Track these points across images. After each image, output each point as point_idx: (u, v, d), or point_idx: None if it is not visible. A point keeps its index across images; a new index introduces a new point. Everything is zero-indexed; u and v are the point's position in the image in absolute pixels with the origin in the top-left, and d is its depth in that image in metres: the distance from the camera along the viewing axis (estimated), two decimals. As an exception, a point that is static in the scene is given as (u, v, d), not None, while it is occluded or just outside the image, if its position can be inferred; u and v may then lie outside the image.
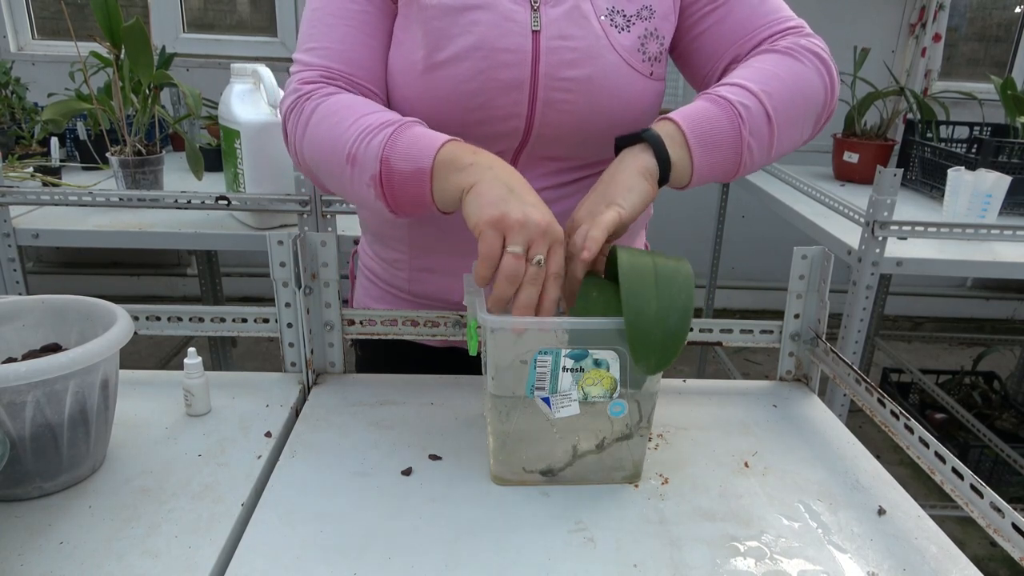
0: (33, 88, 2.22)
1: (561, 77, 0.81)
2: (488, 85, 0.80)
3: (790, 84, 0.80)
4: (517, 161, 0.86)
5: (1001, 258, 1.52)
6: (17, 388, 0.62)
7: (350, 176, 0.77)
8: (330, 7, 0.83)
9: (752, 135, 0.78)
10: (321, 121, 0.79)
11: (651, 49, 0.84)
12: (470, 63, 0.79)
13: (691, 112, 0.78)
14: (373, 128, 0.75)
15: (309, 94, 0.81)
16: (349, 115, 0.77)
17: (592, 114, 0.83)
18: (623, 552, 0.64)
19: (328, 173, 0.81)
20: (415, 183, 0.73)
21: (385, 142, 0.74)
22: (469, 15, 0.79)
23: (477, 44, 0.79)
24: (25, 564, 0.60)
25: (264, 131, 1.47)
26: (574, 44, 0.80)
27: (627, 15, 0.83)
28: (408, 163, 0.73)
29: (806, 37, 0.84)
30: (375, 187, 0.75)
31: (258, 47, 3.19)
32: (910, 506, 0.73)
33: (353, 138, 0.75)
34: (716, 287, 2.69)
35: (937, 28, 3.08)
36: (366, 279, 1.03)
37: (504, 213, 0.67)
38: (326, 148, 0.79)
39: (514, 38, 0.79)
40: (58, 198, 1.41)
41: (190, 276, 3.44)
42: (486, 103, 0.81)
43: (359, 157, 0.75)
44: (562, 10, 0.81)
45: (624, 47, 0.82)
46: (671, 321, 0.64)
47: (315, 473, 0.73)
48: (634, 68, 0.83)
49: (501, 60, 0.79)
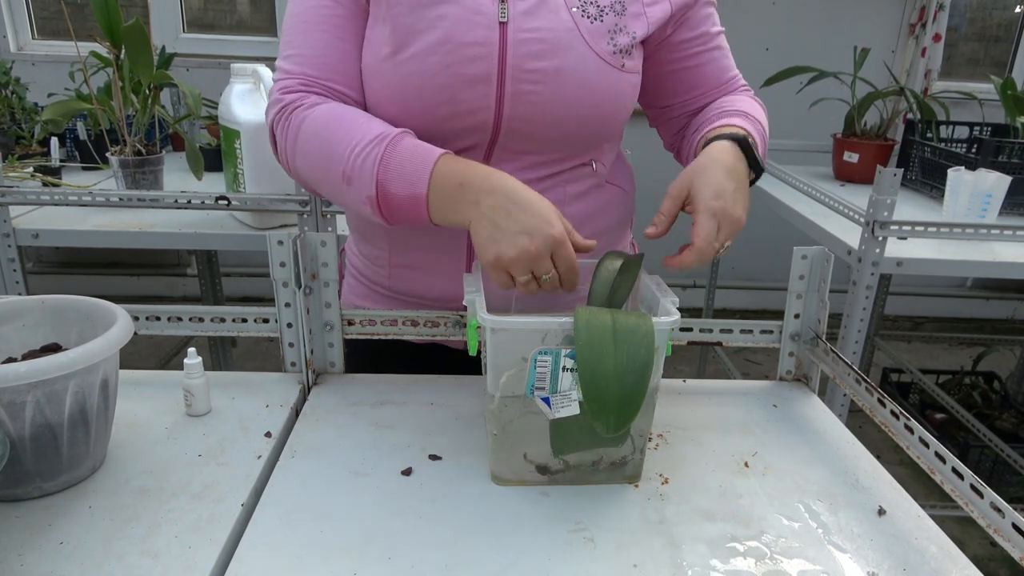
0: (33, 88, 2.22)
1: (528, 69, 0.81)
2: (455, 80, 0.80)
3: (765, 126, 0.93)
4: (490, 156, 0.86)
5: (1001, 258, 1.52)
6: (17, 388, 0.62)
7: (346, 192, 0.80)
8: (305, 13, 0.84)
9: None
10: (311, 137, 0.81)
11: (621, 42, 0.84)
12: (436, 58, 0.80)
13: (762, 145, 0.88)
14: (364, 145, 0.77)
15: (293, 105, 0.83)
16: (337, 130, 0.79)
17: (562, 106, 0.83)
18: (623, 552, 0.64)
19: (324, 186, 0.83)
20: (411, 207, 0.77)
21: (378, 164, 0.76)
22: (436, 9, 0.80)
23: (443, 39, 0.79)
24: (25, 564, 0.60)
25: (264, 131, 1.45)
26: (542, 35, 0.81)
27: (600, 6, 0.83)
28: (403, 187, 0.76)
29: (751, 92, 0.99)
30: (372, 207, 0.78)
31: (258, 47, 3.19)
32: (910, 506, 0.73)
33: (346, 157, 0.78)
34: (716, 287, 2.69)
35: (937, 28, 3.08)
36: (352, 276, 1.03)
37: (498, 256, 0.72)
38: (320, 165, 0.81)
39: (480, 31, 0.80)
40: (58, 198, 1.41)
41: (190, 276, 3.44)
42: (453, 97, 0.81)
43: (354, 177, 0.78)
44: (531, 2, 0.81)
45: (594, 38, 0.82)
46: (628, 380, 0.64)
47: (315, 473, 0.73)
48: (604, 60, 0.83)
49: (467, 54, 0.80)
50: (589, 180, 0.91)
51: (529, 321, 0.66)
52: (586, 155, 0.90)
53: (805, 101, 2.34)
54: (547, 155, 0.87)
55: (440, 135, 0.83)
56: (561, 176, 0.89)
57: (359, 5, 0.84)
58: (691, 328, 0.93)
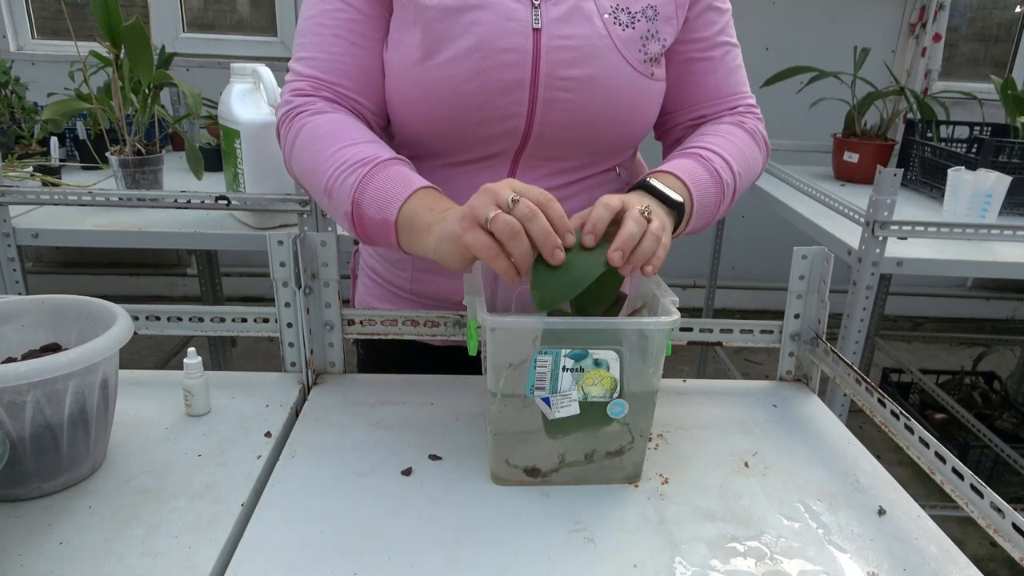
0: (33, 88, 2.22)
1: (562, 76, 0.80)
2: (488, 85, 0.80)
3: (751, 168, 0.89)
4: (518, 162, 0.86)
5: (1001, 258, 1.52)
6: (17, 388, 0.62)
7: (328, 205, 0.81)
8: (321, 16, 0.84)
9: (720, 211, 0.85)
10: (305, 146, 0.81)
11: (652, 49, 0.84)
12: (470, 64, 0.79)
13: (700, 185, 0.81)
14: (348, 166, 0.77)
15: (299, 109, 0.83)
16: (330, 145, 0.79)
17: (593, 114, 0.83)
18: (623, 552, 0.64)
19: (312, 194, 0.85)
20: (383, 231, 0.76)
21: (357, 185, 0.76)
22: (469, 15, 0.79)
23: (477, 45, 0.79)
24: (25, 564, 0.60)
25: (264, 131, 1.47)
26: (576, 43, 0.80)
27: (631, 12, 0.83)
28: (376, 211, 0.76)
29: (760, 120, 0.93)
30: (348, 223, 0.79)
31: (258, 47, 3.19)
32: (910, 506, 0.73)
33: (330, 172, 0.78)
34: (716, 287, 2.69)
35: (937, 28, 3.08)
36: (368, 278, 1.03)
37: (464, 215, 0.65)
38: (308, 174, 0.82)
39: (514, 37, 0.79)
40: (58, 198, 1.41)
41: (190, 276, 3.44)
42: (486, 103, 0.81)
43: (335, 192, 0.78)
44: (564, 8, 0.80)
45: (627, 46, 0.82)
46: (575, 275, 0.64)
47: (315, 473, 0.73)
48: (635, 68, 0.83)
49: (501, 60, 0.79)
50: (613, 185, 0.91)
51: (529, 321, 0.66)
52: (611, 162, 0.90)
53: (805, 101, 2.34)
54: (573, 161, 0.87)
55: (470, 140, 0.83)
56: (586, 182, 0.89)
57: (379, 9, 0.83)
58: (691, 328, 0.93)
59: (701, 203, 0.81)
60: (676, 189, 0.78)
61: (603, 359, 0.67)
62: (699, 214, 0.81)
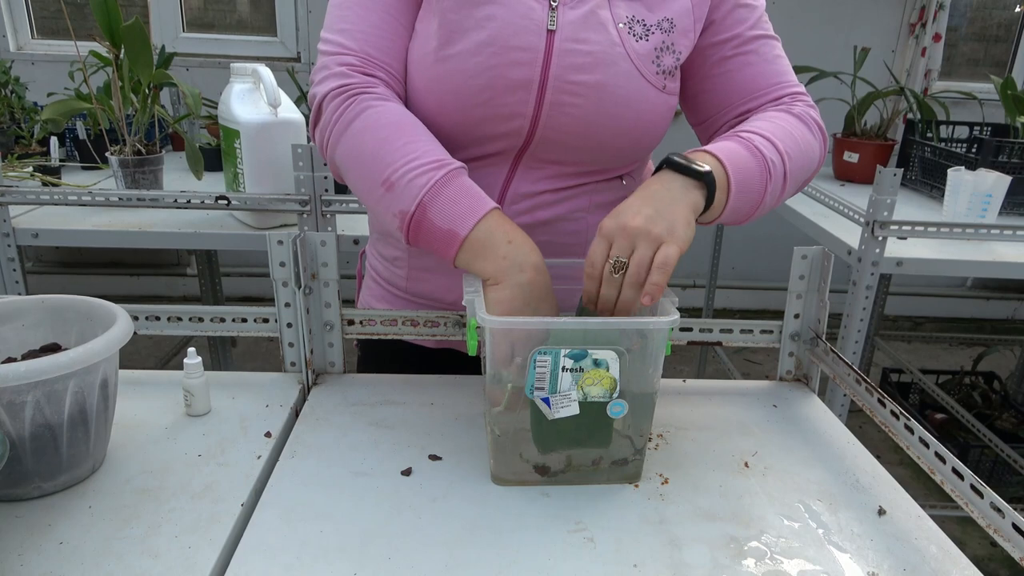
0: (33, 88, 2.22)
1: (571, 80, 0.79)
2: (496, 82, 0.79)
3: (804, 151, 0.83)
4: (518, 163, 0.86)
5: (1001, 258, 1.52)
6: (17, 388, 0.62)
7: (380, 197, 0.77)
8: None
9: (770, 192, 0.80)
10: (366, 130, 0.78)
11: (666, 62, 0.83)
12: (480, 59, 0.78)
13: (735, 159, 0.77)
14: (420, 165, 0.75)
15: (360, 88, 0.79)
16: (399, 136, 0.77)
17: (599, 121, 0.82)
18: (623, 552, 0.64)
19: (357, 180, 0.80)
20: (444, 242, 0.75)
21: (428, 187, 0.74)
22: (485, 9, 0.78)
23: (489, 40, 0.78)
24: (25, 564, 0.60)
25: (264, 131, 1.47)
26: (588, 48, 0.79)
27: (647, 24, 0.82)
28: (444, 221, 0.74)
29: (812, 107, 0.88)
30: (401, 222, 0.76)
31: (258, 47, 3.19)
32: (910, 506, 0.73)
33: (397, 165, 0.75)
34: (716, 287, 2.69)
35: (937, 28, 3.08)
36: (371, 279, 1.03)
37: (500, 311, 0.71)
38: (365, 161, 0.78)
39: (528, 36, 0.78)
40: (58, 198, 1.41)
41: (190, 276, 3.44)
42: (492, 100, 0.80)
43: (397, 187, 0.75)
44: (580, 13, 0.80)
45: (639, 57, 0.81)
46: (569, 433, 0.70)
47: (315, 473, 0.73)
48: (647, 79, 0.82)
49: (512, 58, 0.78)
50: (616, 193, 0.90)
51: (529, 321, 0.66)
52: (615, 171, 0.89)
53: (805, 101, 2.34)
54: (575, 167, 0.86)
55: (473, 136, 0.82)
56: (587, 187, 0.88)
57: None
58: (691, 328, 0.93)
59: (740, 180, 0.76)
60: (707, 163, 0.74)
61: (603, 359, 0.67)
62: (741, 192, 0.76)
